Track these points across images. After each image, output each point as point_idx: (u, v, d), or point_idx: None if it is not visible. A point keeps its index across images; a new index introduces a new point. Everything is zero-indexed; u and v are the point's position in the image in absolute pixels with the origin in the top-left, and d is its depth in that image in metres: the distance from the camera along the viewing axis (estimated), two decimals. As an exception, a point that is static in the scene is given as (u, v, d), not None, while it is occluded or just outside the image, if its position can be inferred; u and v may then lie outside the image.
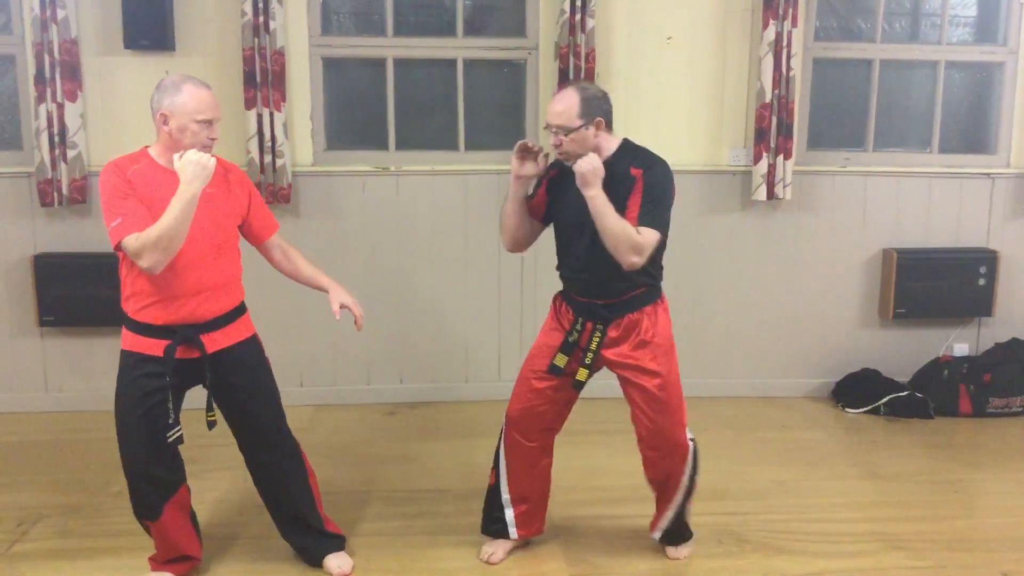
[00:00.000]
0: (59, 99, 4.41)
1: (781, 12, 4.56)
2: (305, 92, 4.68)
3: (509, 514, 3.24)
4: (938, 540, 3.41)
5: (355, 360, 4.92)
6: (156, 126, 2.79)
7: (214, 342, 2.90)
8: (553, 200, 3.10)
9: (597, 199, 2.82)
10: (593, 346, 3.03)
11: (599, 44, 4.61)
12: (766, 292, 5.00)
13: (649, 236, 2.84)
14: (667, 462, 3.14)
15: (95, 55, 4.53)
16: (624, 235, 2.81)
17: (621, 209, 2.85)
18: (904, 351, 5.07)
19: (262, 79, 4.44)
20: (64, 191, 4.48)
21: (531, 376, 3.14)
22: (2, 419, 4.66)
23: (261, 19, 4.39)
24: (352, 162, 4.80)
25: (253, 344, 3.05)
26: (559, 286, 3.18)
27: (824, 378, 5.09)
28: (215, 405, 3.00)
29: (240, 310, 3.01)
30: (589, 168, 2.81)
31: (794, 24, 4.59)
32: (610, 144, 2.97)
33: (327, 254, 4.70)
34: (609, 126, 2.96)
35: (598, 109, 2.91)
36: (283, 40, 4.48)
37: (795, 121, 4.74)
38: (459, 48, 4.79)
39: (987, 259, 4.94)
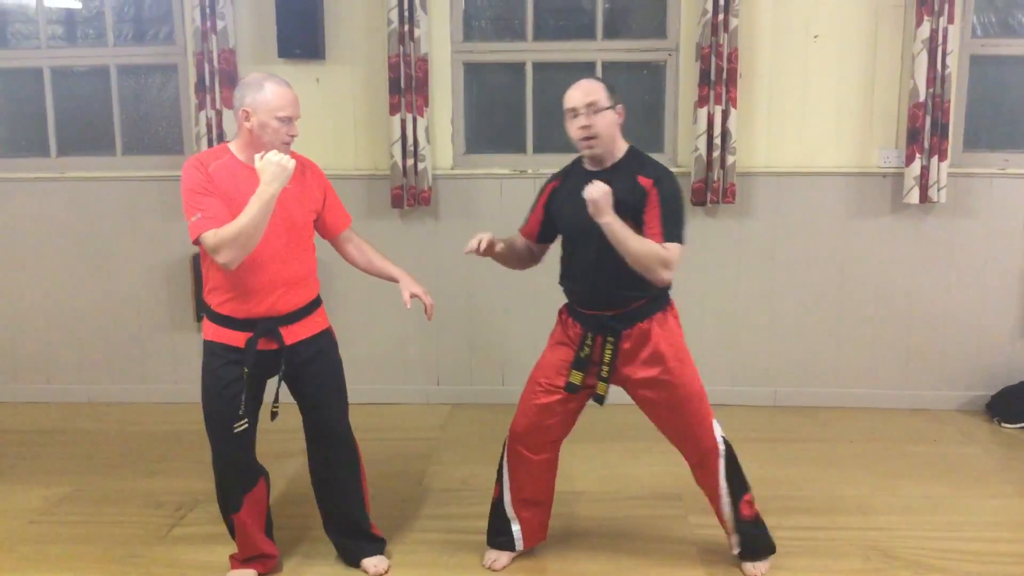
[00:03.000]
0: (218, 106, 4.64)
1: (936, 8, 4.36)
2: (447, 97, 4.78)
3: (515, 528, 3.22)
4: (1107, 566, 3.20)
5: (491, 360, 4.98)
6: (237, 122, 2.87)
7: (292, 334, 2.97)
8: (555, 210, 3.08)
9: (614, 226, 2.78)
10: (607, 359, 2.99)
11: (742, 44, 4.53)
12: (917, 300, 4.79)
13: (675, 250, 2.82)
14: (702, 468, 3.11)
15: (251, 64, 4.74)
16: (652, 254, 2.78)
17: (630, 215, 2.82)
18: (1067, 364, 4.77)
19: (406, 85, 4.56)
20: (220, 193, 4.71)
21: (538, 390, 3.10)
22: (162, 409, 4.94)
23: (406, 27, 4.51)
24: (490, 165, 4.86)
25: (328, 337, 3.12)
26: (695, 288, 3.14)
27: (978, 391, 4.84)
28: (292, 396, 3.07)
29: (316, 303, 3.07)
30: (600, 194, 2.76)
31: (950, 20, 4.38)
32: (621, 145, 2.97)
33: (465, 256, 4.77)
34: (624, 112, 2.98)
35: (618, 99, 2.94)
36: (427, 47, 4.59)
37: (951, 121, 4.53)
38: (598, 51, 4.79)
39: None
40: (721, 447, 3.08)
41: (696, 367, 3.06)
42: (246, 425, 2.95)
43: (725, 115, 4.51)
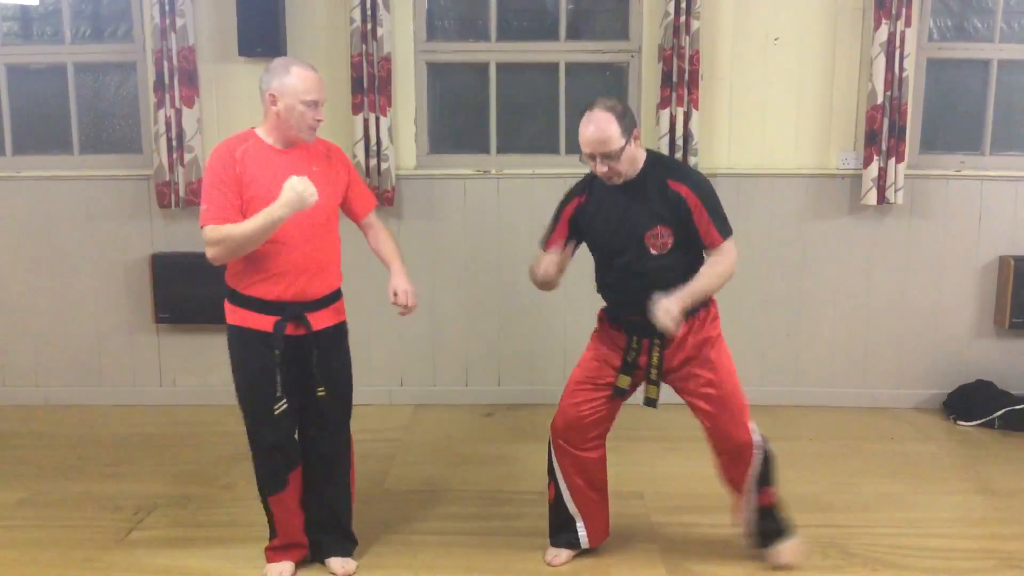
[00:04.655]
0: (177, 104, 4.59)
1: (894, 12, 4.43)
2: (410, 97, 4.77)
3: (580, 526, 3.24)
4: (1057, 560, 3.27)
5: (454, 361, 4.97)
6: (264, 106, 2.88)
7: (319, 321, 2.98)
8: (584, 226, 3.09)
9: (689, 300, 2.84)
10: (655, 362, 3.03)
11: (704, 46, 4.56)
12: (875, 300, 4.86)
13: (731, 245, 2.91)
14: (737, 463, 3.12)
15: (211, 62, 4.70)
16: (724, 275, 2.91)
17: (665, 220, 2.87)
18: (1021, 362, 4.87)
19: (369, 84, 4.54)
20: (181, 193, 4.66)
21: (580, 389, 3.14)
22: (120, 411, 4.87)
23: (369, 26, 4.49)
24: (454, 165, 4.86)
25: (344, 329, 3.13)
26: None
27: (935, 389, 4.92)
28: (299, 382, 3.04)
29: (339, 293, 3.09)
30: (671, 324, 2.78)
31: (907, 24, 4.45)
32: (640, 154, 2.97)
33: (428, 256, 4.78)
34: (639, 134, 2.97)
35: (632, 122, 2.92)
36: (390, 46, 4.57)
37: (908, 123, 4.60)
38: (561, 52, 4.81)
39: (1113, 268, 4.70)
40: (759, 440, 3.13)
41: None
42: (285, 406, 2.95)
43: (687, 117, 4.55)
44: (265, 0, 4.53)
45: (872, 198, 4.59)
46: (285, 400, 2.95)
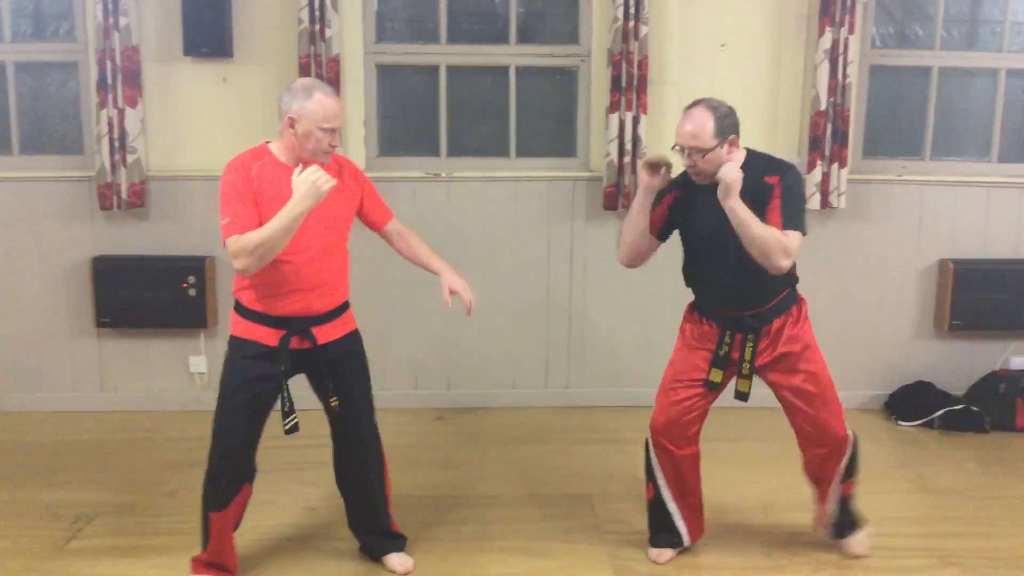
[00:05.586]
0: (120, 105, 4.50)
1: (838, 19, 4.51)
2: (359, 99, 4.74)
3: (680, 523, 3.27)
4: (993, 557, 3.34)
5: (404, 365, 4.95)
6: (281, 126, 2.87)
7: (324, 334, 2.98)
8: (681, 219, 3.12)
9: (738, 209, 2.83)
10: (748, 356, 3.08)
11: (652, 51, 4.60)
12: (818, 302, 4.87)
13: (795, 238, 2.89)
14: (833, 458, 3.20)
15: (155, 62, 4.62)
16: (773, 240, 2.83)
17: (761, 216, 2.87)
18: (960, 364, 4.97)
19: (317, 86, 4.49)
20: (123, 195, 4.58)
21: (676, 386, 3.17)
22: (59, 418, 4.77)
23: (317, 27, 4.45)
24: (404, 168, 4.84)
25: (357, 338, 3.14)
26: (609, 292, 3.19)
27: (877, 390, 5.01)
28: (317, 396, 3.08)
29: (346, 305, 3.10)
30: (735, 178, 2.82)
31: (851, 31, 4.53)
32: (738, 157, 2.98)
33: (377, 260, 4.73)
34: (737, 140, 2.98)
35: (732, 126, 2.93)
36: (338, 47, 4.54)
37: (851, 129, 4.68)
38: (512, 55, 4.81)
39: (1047, 271, 4.83)
40: (851, 433, 3.20)
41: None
42: (296, 420, 2.96)
43: (636, 121, 4.58)
44: (211, 0, 4.47)
45: (815, 202, 4.66)
46: (296, 416, 2.96)
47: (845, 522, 3.31)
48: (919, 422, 4.72)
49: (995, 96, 4.91)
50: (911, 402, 4.83)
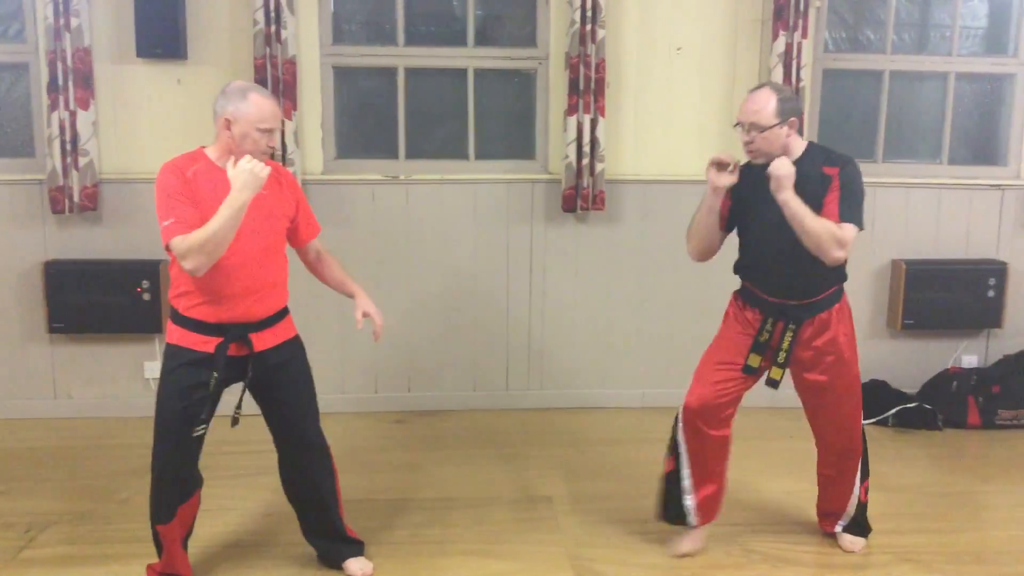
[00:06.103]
0: (71, 107, 4.43)
1: (791, 23, 4.57)
2: (316, 101, 4.71)
3: (689, 500, 3.29)
4: (947, 553, 3.40)
5: (363, 368, 4.92)
6: (217, 129, 2.83)
7: (262, 341, 2.94)
8: (740, 205, 3.14)
9: (792, 202, 2.86)
10: (786, 345, 3.12)
11: (609, 55, 4.62)
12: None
13: (850, 230, 2.92)
14: (848, 459, 3.27)
15: (108, 63, 4.55)
16: (827, 232, 2.86)
17: (818, 207, 2.89)
18: (913, 362, 5.06)
19: (273, 88, 4.46)
20: (75, 198, 4.50)
21: (714, 368, 3.21)
22: (11, 425, 4.67)
23: (273, 28, 4.41)
24: (362, 171, 4.81)
25: (297, 344, 3.10)
26: (568, 294, 3.20)
27: (833, 389, 5.07)
28: (258, 404, 3.05)
29: (286, 311, 3.06)
30: (786, 172, 2.85)
31: (804, 35, 4.60)
32: (798, 146, 3.02)
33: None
34: (801, 127, 3.01)
35: (793, 110, 2.97)
36: (294, 49, 4.51)
37: (804, 132, 4.73)
38: (470, 58, 4.81)
39: (996, 271, 4.93)
40: (864, 438, 3.27)
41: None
42: (205, 430, 2.90)
43: (594, 124, 4.60)
44: (164, 0, 4.41)
45: (772, 204, 4.71)
46: (206, 425, 2.90)
47: (861, 524, 3.40)
48: (873, 420, 4.78)
49: (945, 99, 5.01)
50: (865, 400, 4.82)
